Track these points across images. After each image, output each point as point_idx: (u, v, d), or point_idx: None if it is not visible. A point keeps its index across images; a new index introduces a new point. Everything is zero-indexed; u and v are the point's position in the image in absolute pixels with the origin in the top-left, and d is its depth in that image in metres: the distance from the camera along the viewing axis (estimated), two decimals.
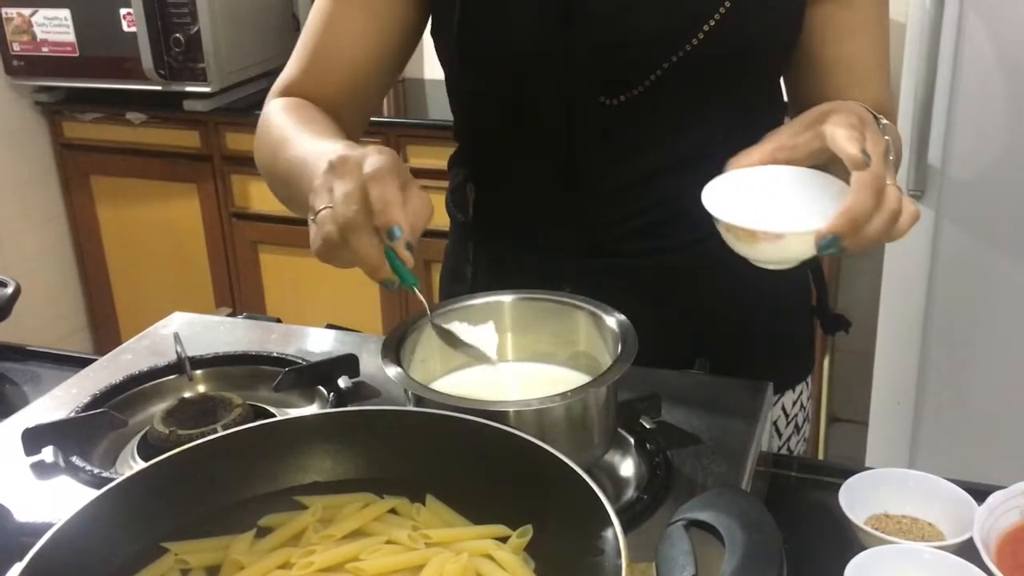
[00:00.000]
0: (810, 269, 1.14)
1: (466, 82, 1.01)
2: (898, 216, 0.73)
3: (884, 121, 0.84)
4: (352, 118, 1.01)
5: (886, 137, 0.80)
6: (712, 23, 0.89)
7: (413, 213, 0.73)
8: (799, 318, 1.14)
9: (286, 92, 1.01)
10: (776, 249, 0.74)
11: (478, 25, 0.94)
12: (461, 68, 0.98)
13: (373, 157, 0.73)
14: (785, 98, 1.06)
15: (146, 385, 0.94)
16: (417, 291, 0.75)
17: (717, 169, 0.85)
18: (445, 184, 1.12)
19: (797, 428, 1.13)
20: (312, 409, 0.91)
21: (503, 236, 1.06)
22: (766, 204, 0.76)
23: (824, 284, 1.15)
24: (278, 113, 0.96)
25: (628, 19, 0.91)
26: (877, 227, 0.72)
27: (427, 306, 0.78)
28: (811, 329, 1.16)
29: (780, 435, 1.11)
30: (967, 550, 0.75)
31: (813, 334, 1.17)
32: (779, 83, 1.04)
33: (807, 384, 1.14)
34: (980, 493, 0.80)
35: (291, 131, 0.91)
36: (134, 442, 0.87)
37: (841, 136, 0.74)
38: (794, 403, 1.11)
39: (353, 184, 0.71)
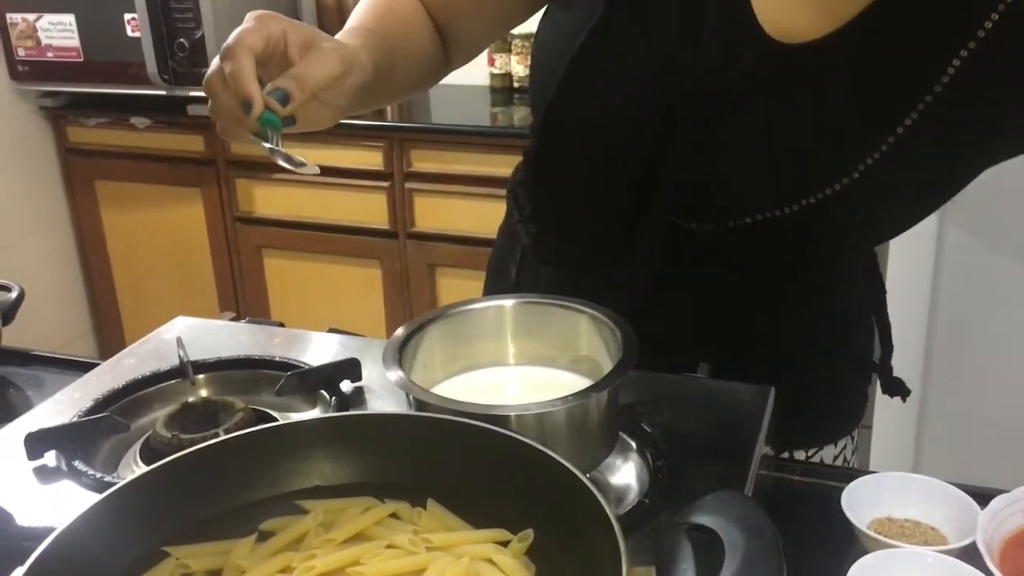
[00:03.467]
0: (877, 324, 1.08)
1: (545, 137, 0.92)
2: None
3: None
4: (449, 38, 1.03)
5: None
6: (812, 200, 0.83)
7: (302, 66, 0.78)
8: (849, 369, 1.08)
9: None
10: None
11: (575, 97, 0.86)
12: (543, 125, 0.91)
13: (238, 29, 0.78)
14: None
15: (149, 389, 0.94)
16: (270, 129, 0.77)
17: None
18: (452, 188, 1.12)
19: None
20: (314, 413, 0.91)
21: (553, 267, 1.03)
22: None
23: (890, 343, 1.09)
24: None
25: (727, 169, 0.85)
26: None
27: (268, 146, 0.79)
28: (863, 384, 1.10)
29: None
30: (970, 554, 0.75)
31: (865, 389, 1.10)
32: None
33: (852, 438, 1.08)
34: (983, 497, 0.80)
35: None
36: (136, 446, 0.87)
37: None
38: (835, 458, 1.06)
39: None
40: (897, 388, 1.10)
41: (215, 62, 0.79)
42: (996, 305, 1.90)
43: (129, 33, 2.55)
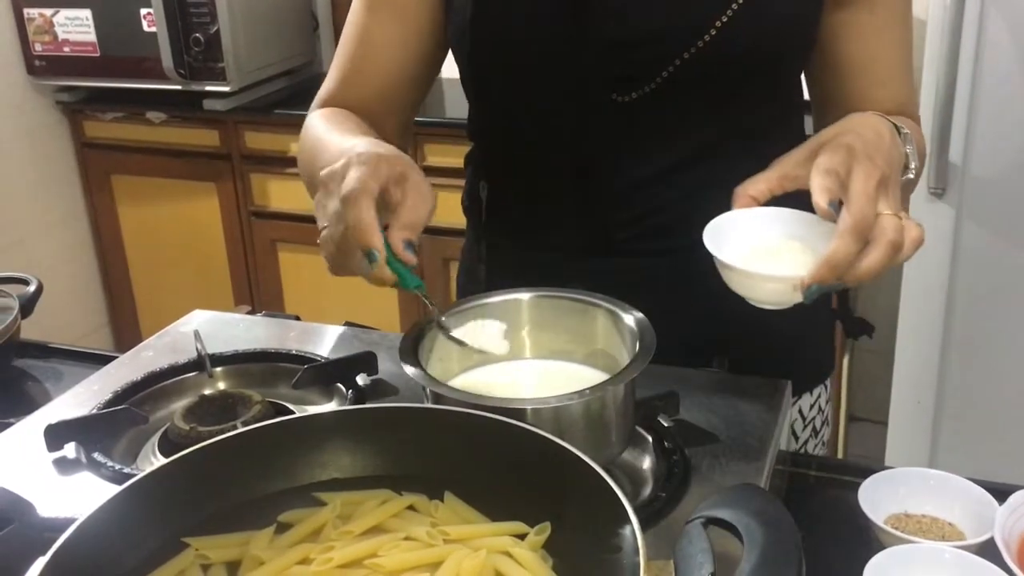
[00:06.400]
0: None
1: (479, 80, 1.01)
2: (899, 245, 0.75)
3: (905, 130, 0.84)
4: (389, 123, 1.04)
5: (908, 149, 0.82)
6: (724, 20, 0.89)
7: (411, 211, 0.76)
8: (817, 320, 1.13)
9: (326, 103, 1.04)
10: (768, 292, 0.78)
11: (489, 23, 0.95)
12: (474, 66, 0.99)
13: (350, 173, 0.75)
14: (806, 96, 1.05)
15: (167, 382, 0.95)
16: (420, 294, 0.77)
17: (729, 168, 0.85)
18: (463, 183, 1.12)
19: (815, 432, 1.12)
20: (331, 406, 0.92)
21: (516, 235, 1.07)
22: (764, 247, 0.80)
23: (846, 289, 1.14)
24: (316, 122, 0.99)
25: (639, 16, 0.91)
26: (873, 261, 0.74)
27: (432, 309, 0.79)
28: (830, 332, 1.15)
29: (796, 438, 1.10)
30: (988, 550, 0.74)
31: (832, 337, 1.16)
32: (795, 81, 1.03)
33: (825, 387, 1.13)
34: (1001, 492, 0.79)
35: (324, 136, 0.94)
36: (155, 438, 0.87)
37: (816, 187, 0.76)
38: (811, 406, 1.11)
39: (336, 205, 0.75)
40: (859, 328, 1.17)
41: (329, 212, 0.76)
42: (1014, 299, 1.89)
43: (145, 28, 2.56)
